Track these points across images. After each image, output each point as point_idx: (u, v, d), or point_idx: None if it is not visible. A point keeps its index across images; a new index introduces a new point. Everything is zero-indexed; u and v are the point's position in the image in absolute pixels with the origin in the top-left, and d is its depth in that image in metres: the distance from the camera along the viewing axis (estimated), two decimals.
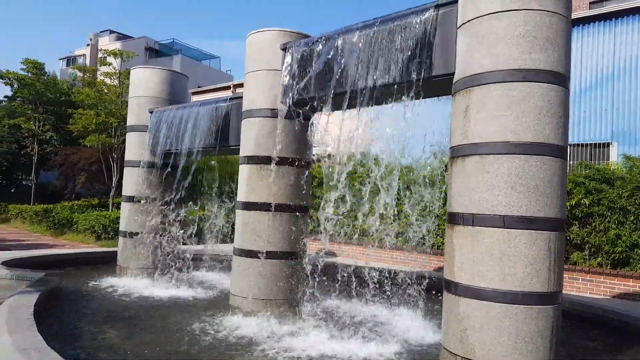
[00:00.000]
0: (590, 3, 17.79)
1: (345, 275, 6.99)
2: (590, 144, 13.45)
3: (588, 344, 5.87)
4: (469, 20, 4.54)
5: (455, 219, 4.57)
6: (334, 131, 6.02)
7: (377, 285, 6.81)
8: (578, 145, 13.61)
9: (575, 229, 8.84)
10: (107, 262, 9.70)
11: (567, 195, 8.48)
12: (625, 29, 13.23)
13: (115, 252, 9.41)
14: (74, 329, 5.38)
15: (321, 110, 6.33)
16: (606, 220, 8.56)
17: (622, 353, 5.54)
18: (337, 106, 6.12)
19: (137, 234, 8.89)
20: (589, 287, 8.41)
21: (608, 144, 13.22)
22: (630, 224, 8.34)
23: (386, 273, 7.17)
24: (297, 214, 6.74)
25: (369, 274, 6.75)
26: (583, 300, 7.44)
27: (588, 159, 13.13)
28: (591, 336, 6.22)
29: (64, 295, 6.90)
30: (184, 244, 9.17)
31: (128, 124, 9.40)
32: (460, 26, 4.70)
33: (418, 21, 5.07)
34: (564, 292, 5.19)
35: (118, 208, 14.69)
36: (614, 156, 12.73)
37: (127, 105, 9.55)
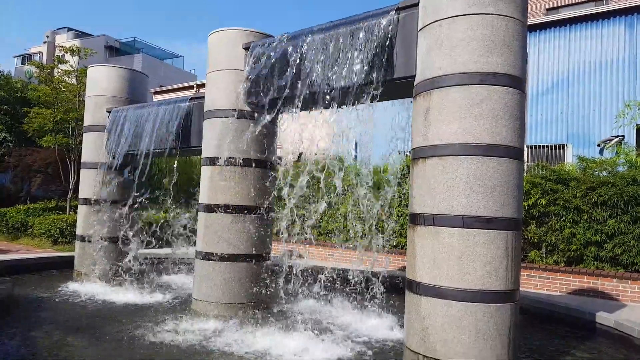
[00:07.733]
0: (546, 10, 18.41)
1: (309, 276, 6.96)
2: (547, 146, 13.92)
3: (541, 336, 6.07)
4: (429, 24, 4.60)
5: (416, 219, 4.62)
6: (299, 132, 6.00)
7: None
8: (535, 146, 14.07)
9: (532, 228, 9.12)
10: (63, 268, 9.36)
11: (523, 195, 8.72)
12: (579, 35, 13.76)
13: (72, 257, 9.08)
14: (25, 338, 5.15)
15: (283, 111, 6.28)
16: (562, 219, 8.86)
17: (574, 343, 5.75)
18: (299, 107, 6.08)
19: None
20: (545, 284, 8.69)
21: (563, 146, 13.71)
22: (584, 222, 8.66)
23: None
24: (261, 216, 6.67)
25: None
26: (539, 297, 7.67)
27: (545, 160, 13.58)
28: (543, 329, 6.44)
29: (16, 303, 6.60)
30: (148, 247, 8.92)
31: (85, 124, 9.08)
32: (421, 29, 4.76)
33: (379, 24, 5.10)
34: (521, 289, 5.32)
35: (76, 211, 14.19)
36: (569, 157, 13.21)
37: (84, 105, 9.22)
